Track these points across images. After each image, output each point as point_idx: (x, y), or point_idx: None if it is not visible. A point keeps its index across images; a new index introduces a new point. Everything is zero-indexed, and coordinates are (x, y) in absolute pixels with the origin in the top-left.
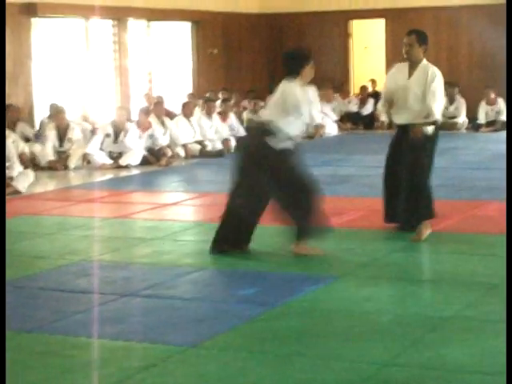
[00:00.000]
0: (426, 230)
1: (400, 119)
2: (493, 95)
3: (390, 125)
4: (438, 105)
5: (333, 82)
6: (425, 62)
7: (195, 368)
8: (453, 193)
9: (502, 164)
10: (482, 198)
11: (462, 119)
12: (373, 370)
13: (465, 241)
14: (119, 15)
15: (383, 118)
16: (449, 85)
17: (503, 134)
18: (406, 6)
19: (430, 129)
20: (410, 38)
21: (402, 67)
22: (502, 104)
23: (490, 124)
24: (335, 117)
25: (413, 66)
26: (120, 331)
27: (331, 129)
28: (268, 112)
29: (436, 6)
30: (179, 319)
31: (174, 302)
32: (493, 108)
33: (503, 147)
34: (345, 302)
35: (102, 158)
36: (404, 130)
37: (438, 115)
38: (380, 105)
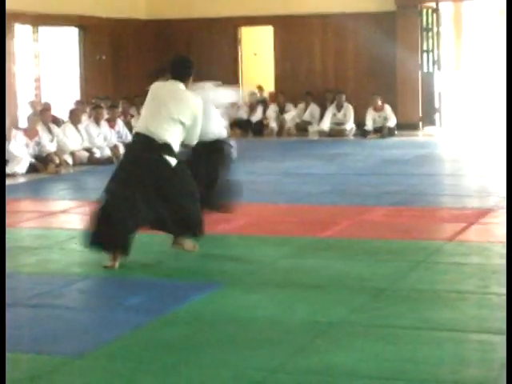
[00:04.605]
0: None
1: None
2: (379, 102)
3: (280, 132)
4: None
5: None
6: None
7: (82, 378)
8: (341, 198)
9: (389, 169)
10: (369, 204)
11: (350, 126)
12: (260, 376)
13: (352, 246)
14: None
15: (273, 124)
16: (336, 91)
17: (390, 140)
18: (294, 13)
19: None
20: None
21: None
22: (388, 110)
23: (377, 130)
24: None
25: None
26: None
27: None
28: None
29: (323, 14)
30: (65, 329)
31: (60, 312)
32: (380, 114)
33: (390, 153)
34: (232, 309)
35: None
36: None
37: None
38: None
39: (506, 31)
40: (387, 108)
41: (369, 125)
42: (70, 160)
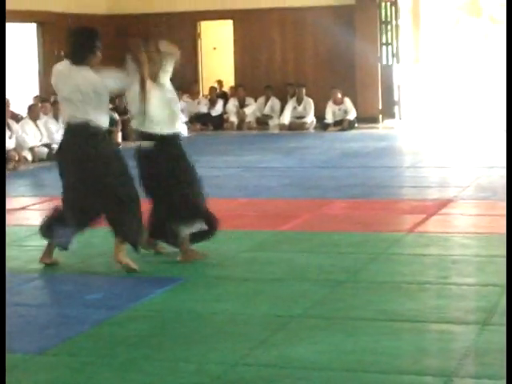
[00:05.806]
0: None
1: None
2: (339, 95)
3: (240, 125)
4: None
5: (182, 82)
6: None
7: (43, 375)
8: (301, 192)
9: (349, 162)
10: (330, 197)
11: (310, 119)
12: (221, 370)
13: (312, 239)
14: None
15: (233, 118)
16: (296, 85)
17: (350, 133)
18: (253, 7)
19: None
20: None
21: None
22: (348, 103)
23: (337, 123)
24: (185, 118)
25: None
26: None
27: (181, 130)
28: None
29: (282, 7)
30: (25, 326)
31: (19, 309)
32: (340, 108)
33: (350, 146)
34: (193, 304)
35: None
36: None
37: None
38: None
39: (506, 31)
40: (347, 101)
41: (329, 118)
42: (29, 156)
